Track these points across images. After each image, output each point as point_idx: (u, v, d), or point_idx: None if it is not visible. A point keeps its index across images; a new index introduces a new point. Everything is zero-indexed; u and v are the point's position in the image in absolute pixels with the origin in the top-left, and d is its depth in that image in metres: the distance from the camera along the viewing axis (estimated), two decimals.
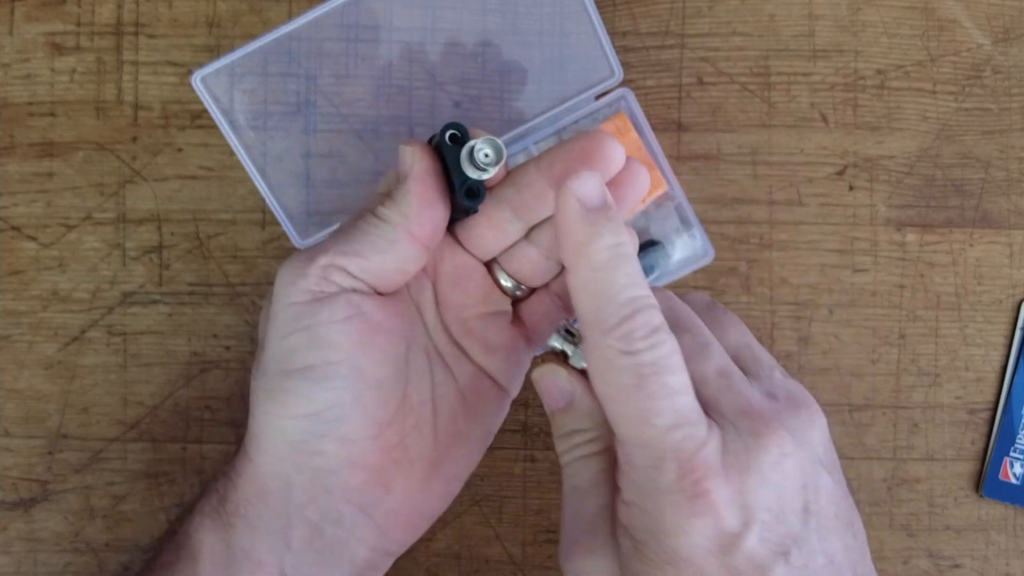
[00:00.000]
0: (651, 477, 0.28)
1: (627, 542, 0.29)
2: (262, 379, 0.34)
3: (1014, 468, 0.46)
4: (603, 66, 0.44)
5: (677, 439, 0.27)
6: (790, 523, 0.28)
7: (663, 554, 0.27)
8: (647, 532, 0.28)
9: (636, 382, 0.27)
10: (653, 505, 0.28)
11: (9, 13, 0.47)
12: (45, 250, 0.47)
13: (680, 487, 0.27)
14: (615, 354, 0.28)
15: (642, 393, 0.27)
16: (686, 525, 0.27)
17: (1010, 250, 0.47)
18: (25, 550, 0.47)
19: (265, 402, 0.34)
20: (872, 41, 0.47)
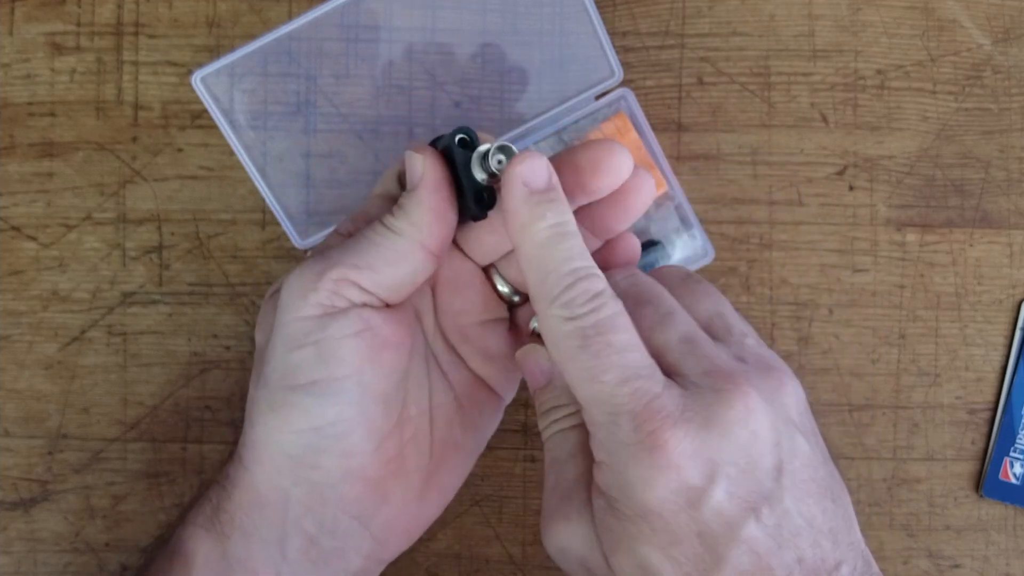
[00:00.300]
0: (611, 432, 0.28)
1: (601, 502, 0.29)
2: (264, 391, 0.34)
3: (1014, 468, 0.46)
4: (603, 66, 0.44)
5: (627, 392, 0.28)
6: (760, 480, 0.28)
7: (634, 507, 0.28)
8: (618, 488, 0.28)
9: (581, 343, 0.29)
10: (618, 460, 0.28)
11: (9, 13, 0.47)
12: (45, 250, 0.47)
13: (638, 439, 0.28)
14: (559, 321, 0.29)
15: (587, 353, 0.29)
16: (649, 478, 0.28)
17: (1010, 250, 0.47)
18: (25, 550, 0.47)
19: (267, 414, 0.34)
20: (872, 41, 0.47)
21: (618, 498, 0.29)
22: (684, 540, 0.28)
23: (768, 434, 0.29)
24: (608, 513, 0.29)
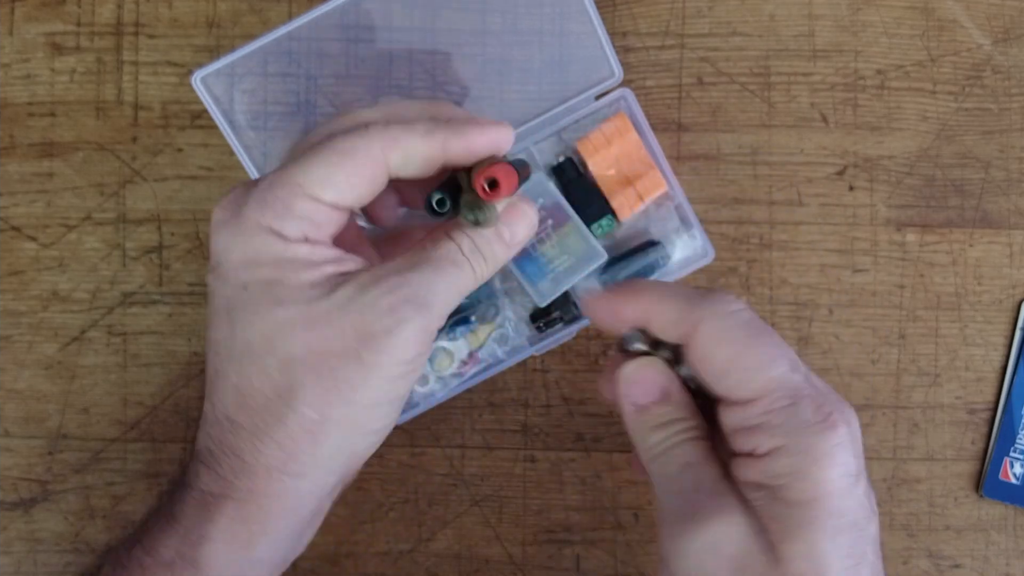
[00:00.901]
0: (792, 415, 0.30)
1: (763, 493, 0.30)
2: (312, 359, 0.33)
3: (1014, 468, 0.46)
4: (603, 66, 0.44)
5: (799, 380, 0.31)
6: (867, 483, 0.32)
7: (811, 488, 0.30)
8: (791, 473, 0.30)
9: (754, 332, 0.32)
10: (799, 442, 0.30)
11: (9, 13, 0.47)
12: (45, 250, 0.47)
13: (818, 419, 0.30)
14: (725, 316, 0.32)
15: (761, 342, 0.32)
16: (831, 453, 0.30)
17: (1010, 250, 0.47)
18: (25, 550, 0.47)
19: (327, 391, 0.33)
20: (872, 41, 0.47)
21: (789, 484, 0.30)
22: (843, 528, 0.30)
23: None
24: (776, 502, 0.30)
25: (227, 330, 0.32)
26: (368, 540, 0.47)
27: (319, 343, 0.31)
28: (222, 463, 0.33)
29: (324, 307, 0.31)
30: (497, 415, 0.47)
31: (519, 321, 0.45)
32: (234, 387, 0.32)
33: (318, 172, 0.32)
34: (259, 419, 0.32)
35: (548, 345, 0.45)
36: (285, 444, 0.32)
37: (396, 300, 0.31)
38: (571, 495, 0.47)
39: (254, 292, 0.32)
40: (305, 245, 0.32)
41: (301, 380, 0.31)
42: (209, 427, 0.33)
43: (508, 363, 0.45)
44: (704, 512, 0.31)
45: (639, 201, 0.44)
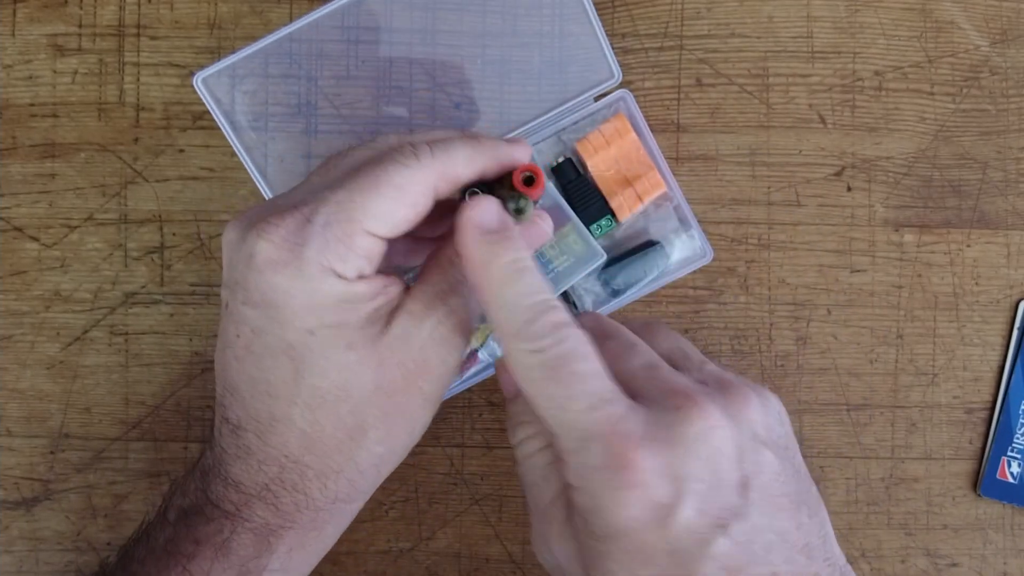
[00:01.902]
0: (582, 458, 0.29)
1: (579, 522, 0.30)
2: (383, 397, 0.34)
3: (1011, 467, 0.47)
4: (602, 68, 0.44)
5: (596, 418, 0.29)
6: (726, 496, 0.29)
7: (607, 528, 0.28)
8: (591, 511, 0.29)
9: (548, 375, 0.30)
10: (589, 483, 0.29)
11: (11, 15, 0.47)
12: (47, 250, 0.47)
13: (607, 462, 0.28)
14: (524, 355, 0.30)
15: (555, 383, 0.29)
16: (619, 498, 0.28)
17: (1007, 250, 0.47)
18: (27, 549, 0.47)
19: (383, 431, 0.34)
20: (870, 42, 0.47)
21: (592, 521, 0.29)
22: (655, 559, 0.28)
23: (731, 449, 0.29)
24: (585, 534, 0.30)
25: (289, 374, 0.32)
26: (368, 539, 0.47)
27: (385, 381, 0.32)
28: (283, 500, 0.33)
29: (387, 346, 0.32)
30: (497, 414, 0.47)
31: None
32: (301, 432, 0.32)
33: (376, 208, 0.32)
34: (330, 460, 0.33)
35: None
36: (355, 480, 0.34)
37: (448, 330, 0.33)
38: None
39: (322, 337, 0.32)
40: (362, 284, 0.32)
41: (372, 421, 0.33)
42: (263, 464, 0.33)
43: None
44: (539, 535, 0.32)
45: (638, 202, 0.44)
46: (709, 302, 0.47)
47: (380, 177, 0.32)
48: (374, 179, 0.32)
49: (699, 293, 0.47)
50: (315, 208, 0.31)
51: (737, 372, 0.47)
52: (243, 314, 0.32)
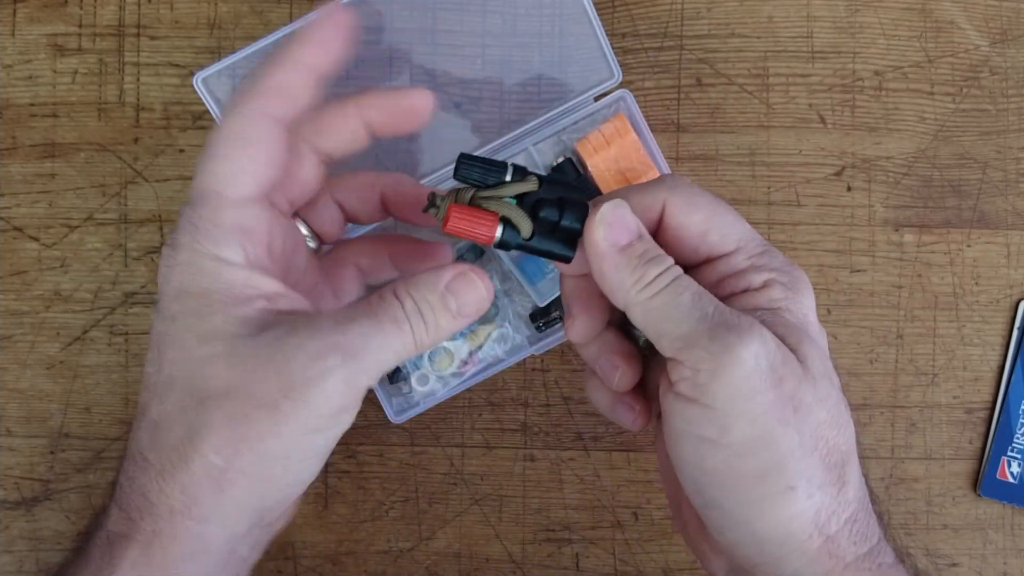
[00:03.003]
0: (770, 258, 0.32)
1: (764, 313, 0.31)
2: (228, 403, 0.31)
3: (1011, 467, 0.47)
4: (602, 68, 0.44)
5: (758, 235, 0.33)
6: None
7: (800, 312, 0.32)
8: (786, 298, 0.32)
9: (713, 196, 0.33)
10: (783, 275, 0.32)
11: (11, 15, 0.47)
12: (47, 250, 0.47)
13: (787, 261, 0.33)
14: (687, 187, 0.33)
15: (721, 203, 0.33)
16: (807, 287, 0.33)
17: (1007, 250, 0.47)
18: (27, 549, 0.47)
19: (232, 437, 0.31)
20: (870, 42, 0.47)
21: (788, 307, 0.32)
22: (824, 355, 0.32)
23: None
24: (780, 319, 0.31)
25: (155, 364, 0.31)
26: (369, 539, 0.47)
27: (238, 385, 0.30)
28: (130, 502, 0.31)
29: (249, 347, 0.30)
30: (497, 414, 0.47)
31: (519, 321, 0.45)
32: (151, 422, 0.31)
33: (225, 169, 0.31)
34: (167, 458, 0.30)
35: (548, 345, 0.45)
36: (188, 488, 0.30)
37: (324, 346, 0.30)
38: (570, 494, 0.47)
39: (181, 325, 0.30)
40: (242, 270, 0.30)
41: (211, 422, 0.30)
42: (126, 461, 0.32)
43: (508, 363, 0.45)
44: (741, 327, 0.30)
45: None
46: None
47: (212, 142, 0.31)
48: (209, 147, 0.31)
49: None
50: (186, 199, 0.31)
51: None
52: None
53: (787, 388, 0.29)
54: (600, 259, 0.31)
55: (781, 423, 0.29)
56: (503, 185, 0.32)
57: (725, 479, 0.30)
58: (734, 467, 0.30)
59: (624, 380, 0.34)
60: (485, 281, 0.33)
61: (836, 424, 0.30)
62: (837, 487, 0.30)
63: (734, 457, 0.30)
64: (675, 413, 0.31)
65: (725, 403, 0.29)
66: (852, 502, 0.30)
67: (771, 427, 0.29)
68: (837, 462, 0.30)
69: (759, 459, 0.29)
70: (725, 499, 0.30)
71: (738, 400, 0.29)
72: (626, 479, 0.47)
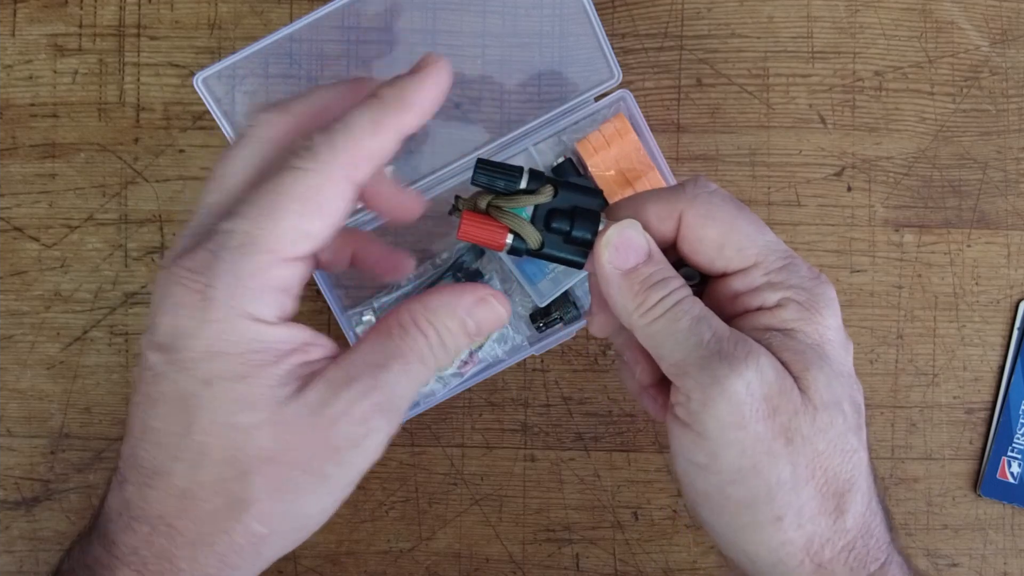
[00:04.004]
0: (791, 273, 0.32)
1: (775, 335, 0.31)
2: (273, 467, 0.30)
3: (1012, 467, 0.47)
4: (602, 68, 0.44)
5: (784, 245, 0.32)
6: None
7: (815, 333, 0.31)
8: (800, 318, 0.31)
9: (735, 205, 0.32)
10: (803, 293, 0.31)
11: (11, 15, 0.47)
12: (47, 251, 0.47)
13: (812, 275, 0.32)
14: (706, 196, 0.32)
15: (745, 211, 0.32)
16: (829, 303, 0.32)
17: (1007, 250, 0.47)
18: (27, 549, 0.47)
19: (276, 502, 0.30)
20: (870, 43, 0.47)
21: (801, 328, 0.31)
22: (845, 382, 0.31)
23: None
24: (791, 342, 0.31)
25: (179, 426, 0.29)
26: (369, 539, 0.47)
27: (283, 454, 0.29)
28: (149, 567, 0.30)
29: (293, 412, 0.29)
30: (497, 414, 0.47)
31: (519, 321, 0.45)
32: (180, 491, 0.29)
33: (289, 228, 0.28)
34: (204, 529, 0.29)
35: (547, 345, 0.45)
36: (227, 557, 0.29)
37: (369, 409, 0.29)
38: (570, 494, 0.47)
39: (219, 391, 0.28)
40: (280, 328, 0.29)
41: (257, 495, 0.29)
42: (135, 521, 0.30)
43: (508, 363, 0.45)
44: (735, 356, 0.30)
45: None
46: None
47: (279, 193, 0.28)
48: (273, 197, 0.28)
49: None
50: (221, 242, 0.28)
51: None
52: (147, 357, 0.29)
53: (781, 419, 0.29)
54: (605, 281, 0.32)
55: (770, 455, 0.29)
56: (519, 196, 0.32)
57: (715, 503, 0.30)
58: (724, 493, 0.30)
59: (644, 375, 0.34)
60: (503, 303, 0.32)
61: (838, 453, 0.30)
62: (833, 517, 0.30)
63: (724, 484, 0.30)
64: (672, 434, 0.31)
65: (715, 432, 0.29)
66: (850, 530, 0.30)
67: (760, 458, 0.29)
68: (836, 491, 0.30)
69: (748, 488, 0.29)
70: (716, 522, 0.31)
71: (728, 430, 0.29)
72: (626, 479, 0.47)
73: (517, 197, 0.32)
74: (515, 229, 0.32)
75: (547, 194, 0.32)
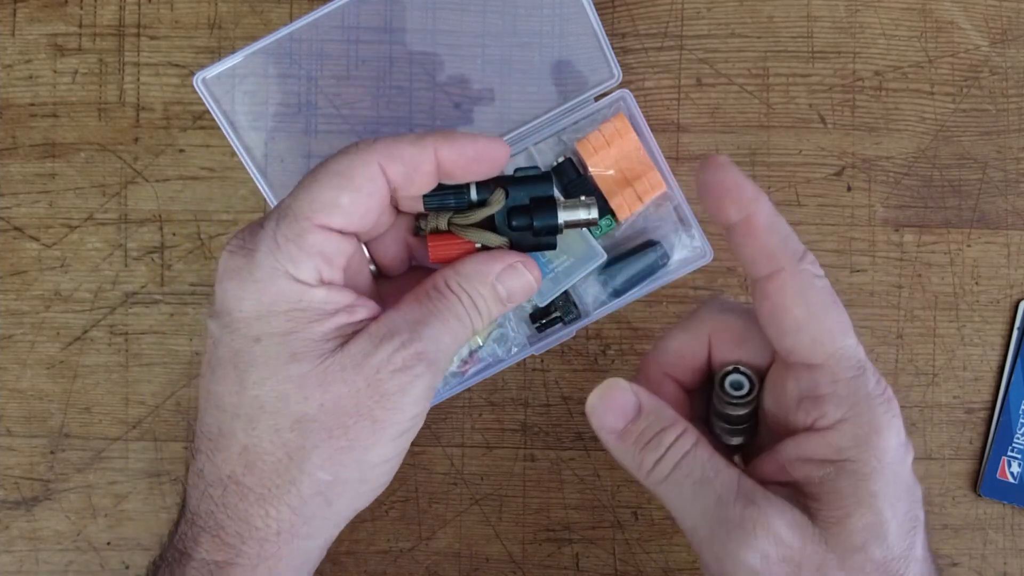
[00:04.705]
0: (856, 387, 0.30)
1: (828, 470, 0.29)
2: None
3: (1012, 467, 0.47)
4: (602, 67, 0.44)
5: (863, 352, 0.31)
6: None
7: (873, 459, 0.29)
8: (856, 445, 0.29)
9: (832, 299, 0.31)
10: (862, 413, 0.30)
11: (11, 15, 0.47)
12: (47, 250, 0.47)
13: (878, 391, 0.30)
14: (812, 276, 0.30)
15: (838, 309, 0.30)
16: (891, 423, 0.30)
17: (1007, 250, 0.47)
18: (27, 549, 0.47)
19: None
20: (870, 42, 0.47)
21: (856, 456, 0.29)
22: (903, 496, 0.30)
23: None
24: (843, 477, 0.29)
25: (235, 385, 0.31)
26: (369, 539, 0.47)
27: (332, 402, 0.31)
28: (227, 529, 0.31)
29: (338, 363, 0.31)
30: (497, 414, 0.47)
31: (519, 321, 0.45)
32: (242, 447, 0.31)
33: (322, 198, 0.31)
34: (270, 482, 0.31)
35: (548, 345, 0.45)
36: (298, 508, 0.31)
37: (410, 357, 0.31)
38: (570, 494, 0.47)
39: (268, 346, 0.30)
40: (321, 289, 0.31)
41: (315, 441, 0.31)
42: (210, 487, 0.31)
43: (508, 363, 0.45)
44: (742, 527, 0.29)
45: (638, 202, 0.44)
46: None
47: (321, 169, 0.31)
48: (313, 175, 0.31)
49: (699, 293, 0.47)
50: (269, 214, 0.31)
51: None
52: (208, 327, 0.32)
53: (806, 574, 0.29)
54: (605, 443, 0.32)
55: None
56: (472, 210, 0.33)
57: None
58: None
59: None
60: (533, 270, 0.34)
61: None
62: None
63: None
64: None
65: None
66: None
67: None
68: None
69: None
70: None
71: None
72: (626, 479, 0.47)
73: (471, 212, 0.33)
74: (479, 241, 0.33)
75: (499, 200, 0.34)
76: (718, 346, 0.33)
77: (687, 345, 0.34)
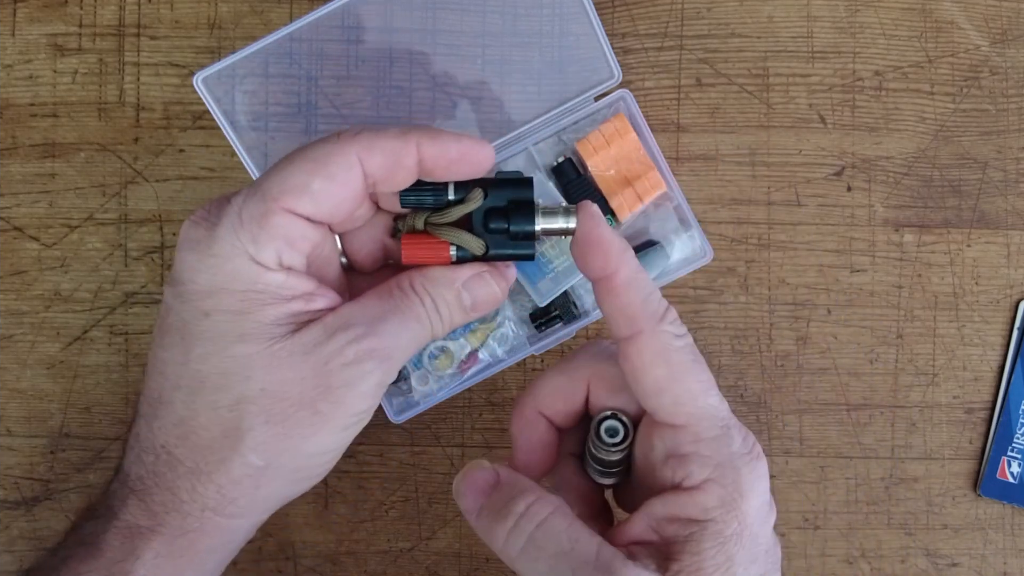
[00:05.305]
0: (719, 446, 0.30)
1: (693, 530, 0.29)
2: (262, 399, 0.31)
3: (1011, 467, 0.47)
4: (602, 67, 0.44)
5: (726, 410, 0.30)
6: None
7: (735, 522, 0.29)
8: (721, 506, 0.29)
9: (694, 358, 0.30)
10: (730, 473, 0.29)
11: (11, 14, 0.47)
12: (47, 250, 0.47)
13: (744, 449, 0.30)
14: (671, 338, 0.30)
15: (699, 368, 0.30)
16: (755, 484, 0.29)
17: (1007, 250, 0.47)
18: (27, 549, 0.47)
19: (271, 435, 0.31)
20: (870, 42, 0.47)
21: (720, 518, 0.29)
22: (759, 558, 0.30)
23: None
24: (707, 539, 0.29)
25: (180, 355, 0.31)
26: (369, 539, 0.47)
27: (276, 387, 0.30)
28: (154, 496, 0.31)
29: (287, 349, 0.30)
30: (497, 414, 0.47)
31: (519, 321, 0.45)
32: (179, 418, 0.31)
33: (292, 182, 0.30)
34: (201, 458, 0.31)
35: (547, 345, 0.45)
36: (225, 488, 0.31)
37: (362, 352, 0.31)
38: None
39: (217, 322, 0.30)
40: (279, 273, 0.30)
41: (251, 423, 0.30)
42: (143, 452, 0.31)
43: (508, 363, 0.45)
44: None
45: (638, 202, 0.44)
46: (709, 302, 0.47)
47: (298, 152, 0.31)
48: (293, 155, 0.31)
49: (699, 293, 0.47)
50: (238, 192, 0.31)
51: (739, 372, 0.47)
52: (165, 294, 0.31)
53: None
54: (472, 526, 0.31)
55: None
56: (450, 208, 0.33)
57: None
58: None
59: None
60: (500, 281, 0.34)
61: None
62: None
63: None
64: None
65: None
66: None
67: None
68: None
69: None
70: None
71: None
72: None
73: (449, 211, 0.33)
74: (455, 242, 0.33)
75: (477, 199, 0.33)
76: (596, 392, 0.33)
77: (564, 387, 0.33)
